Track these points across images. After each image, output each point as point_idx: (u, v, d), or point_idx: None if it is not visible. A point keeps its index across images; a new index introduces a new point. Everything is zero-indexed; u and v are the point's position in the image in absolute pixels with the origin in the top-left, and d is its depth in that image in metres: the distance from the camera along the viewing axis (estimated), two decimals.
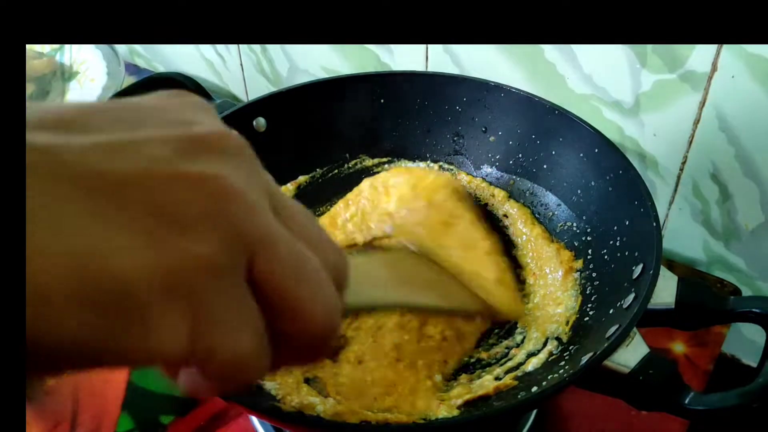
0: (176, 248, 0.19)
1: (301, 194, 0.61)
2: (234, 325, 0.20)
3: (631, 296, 0.43)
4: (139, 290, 0.18)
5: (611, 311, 0.45)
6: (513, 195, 0.59)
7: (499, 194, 0.59)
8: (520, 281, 0.53)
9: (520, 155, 0.59)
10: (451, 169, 0.61)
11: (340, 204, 0.57)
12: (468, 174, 0.61)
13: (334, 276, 0.23)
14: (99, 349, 0.18)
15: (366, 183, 0.58)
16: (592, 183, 0.53)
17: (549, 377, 0.44)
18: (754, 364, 0.63)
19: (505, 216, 0.58)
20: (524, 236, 0.56)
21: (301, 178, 0.61)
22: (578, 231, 0.54)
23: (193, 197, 0.19)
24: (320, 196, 0.61)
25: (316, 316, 0.21)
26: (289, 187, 0.60)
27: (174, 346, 0.19)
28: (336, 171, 0.62)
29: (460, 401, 0.45)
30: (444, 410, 0.44)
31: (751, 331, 0.66)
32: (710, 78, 0.56)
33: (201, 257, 0.19)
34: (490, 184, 0.60)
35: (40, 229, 0.17)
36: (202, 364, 0.20)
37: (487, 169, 0.61)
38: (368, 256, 0.38)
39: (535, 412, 0.51)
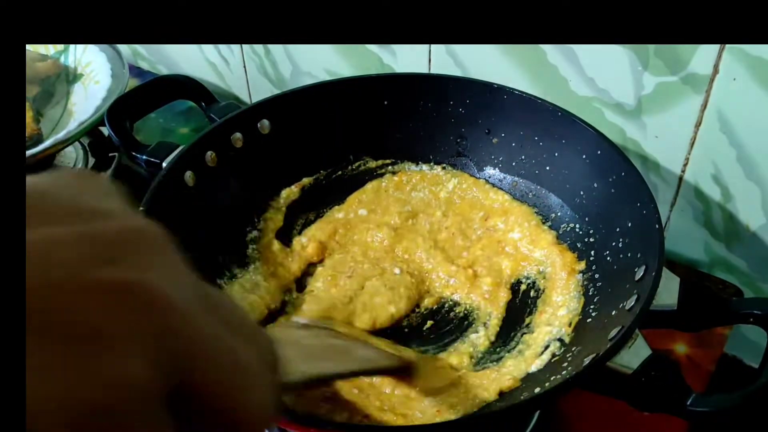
0: (93, 374, 0.16)
1: (305, 196, 0.61)
2: None
3: (634, 298, 0.43)
4: (44, 430, 0.15)
5: (614, 313, 0.45)
6: (516, 197, 0.59)
7: (502, 196, 0.59)
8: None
9: (523, 157, 0.59)
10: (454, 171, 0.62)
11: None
12: (471, 176, 0.61)
13: (268, 365, 0.22)
14: None
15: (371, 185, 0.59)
16: (595, 185, 0.54)
17: (552, 378, 0.44)
18: (755, 365, 0.63)
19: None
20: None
21: (305, 180, 0.62)
22: (581, 233, 0.54)
23: (114, 310, 0.16)
24: (324, 198, 0.61)
25: (255, 416, 0.20)
26: (293, 189, 0.61)
27: None
28: (340, 172, 0.63)
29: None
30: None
31: (752, 333, 0.66)
32: (712, 80, 0.56)
33: (124, 382, 0.16)
34: (493, 185, 0.60)
35: None
36: None
37: (490, 170, 0.61)
38: (292, 331, 0.42)
39: (537, 413, 0.51)
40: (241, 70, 0.89)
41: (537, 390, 0.44)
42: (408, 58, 0.73)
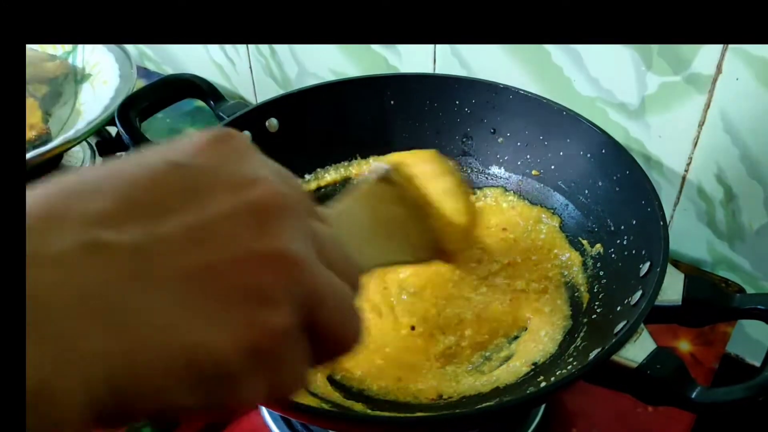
0: (259, 322, 0.22)
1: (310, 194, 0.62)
2: (298, 370, 0.24)
3: (639, 293, 0.44)
4: (232, 365, 0.21)
5: (619, 308, 0.46)
6: (521, 195, 0.60)
7: (507, 195, 0.60)
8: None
9: (528, 156, 0.60)
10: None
11: None
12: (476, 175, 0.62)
13: (353, 287, 0.27)
14: (199, 411, 0.22)
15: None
16: (599, 183, 0.54)
17: (557, 372, 0.45)
18: (758, 364, 0.63)
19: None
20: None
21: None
22: (586, 231, 0.55)
23: (268, 274, 0.22)
24: (330, 197, 0.62)
25: (351, 338, 0.26)
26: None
27: (256, 398, 0.23)
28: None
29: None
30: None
31: (755, 331, 0.67)
32: (715, 80, 0.57)
33: (279, 325, 0.22)
34: (498, 185, 0.61)
35: (152, 330, 0.20)
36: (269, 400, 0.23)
37: (495, 169, 0.61)
38: (346, 205, 0.38)
39: (543, 407, 0.52)
40: (247, 70, 0.90)
41: (543, 384, 0.44)
42: (413, 59, 0.73)
